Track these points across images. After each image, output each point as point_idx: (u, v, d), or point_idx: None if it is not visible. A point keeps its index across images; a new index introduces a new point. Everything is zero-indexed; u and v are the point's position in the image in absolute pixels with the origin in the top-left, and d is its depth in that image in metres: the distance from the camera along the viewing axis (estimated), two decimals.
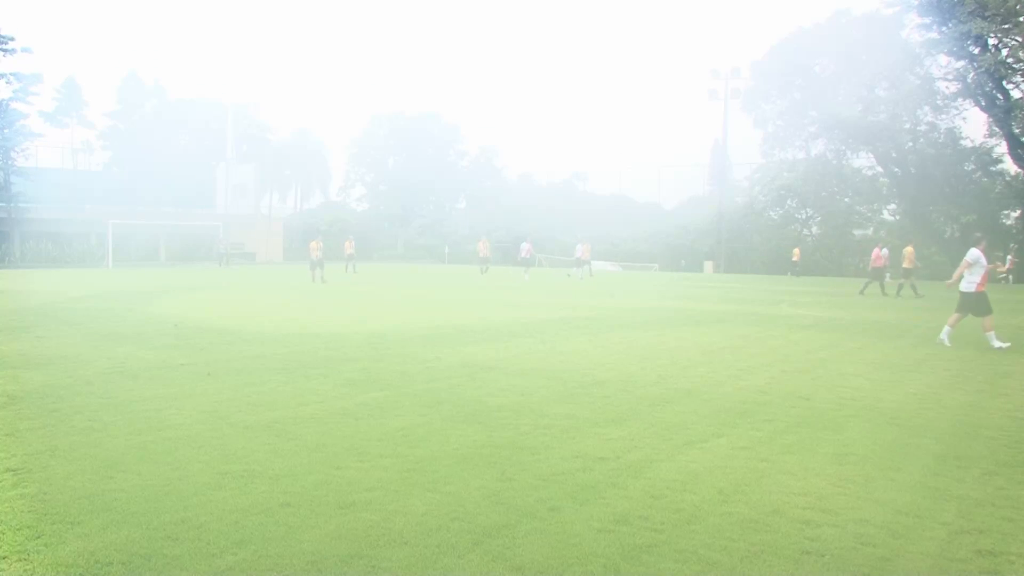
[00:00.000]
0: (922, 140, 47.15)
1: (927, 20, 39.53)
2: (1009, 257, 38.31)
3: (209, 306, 17.90)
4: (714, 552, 4.01)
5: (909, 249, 26.08)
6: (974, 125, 53.27)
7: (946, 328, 12.86)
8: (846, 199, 50.34)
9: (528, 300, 21.05)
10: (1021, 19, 36.66)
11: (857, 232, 50.56)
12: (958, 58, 39.80)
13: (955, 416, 7.28)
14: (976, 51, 37.88)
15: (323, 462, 5.44)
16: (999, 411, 7.54)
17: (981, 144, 45.33)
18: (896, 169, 48.61)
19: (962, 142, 46.23)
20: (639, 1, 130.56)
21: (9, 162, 44.71)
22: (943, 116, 46.51)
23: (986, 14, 35.89)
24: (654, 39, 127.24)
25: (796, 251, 43.04)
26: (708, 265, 49.60)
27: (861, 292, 26.29)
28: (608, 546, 4.06)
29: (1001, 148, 43.51)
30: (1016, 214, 45.75)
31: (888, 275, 27.74)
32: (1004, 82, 38.86)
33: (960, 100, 44.04)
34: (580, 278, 34.09)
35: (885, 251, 27.13)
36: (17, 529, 4.13)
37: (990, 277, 25.41)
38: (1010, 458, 5.85)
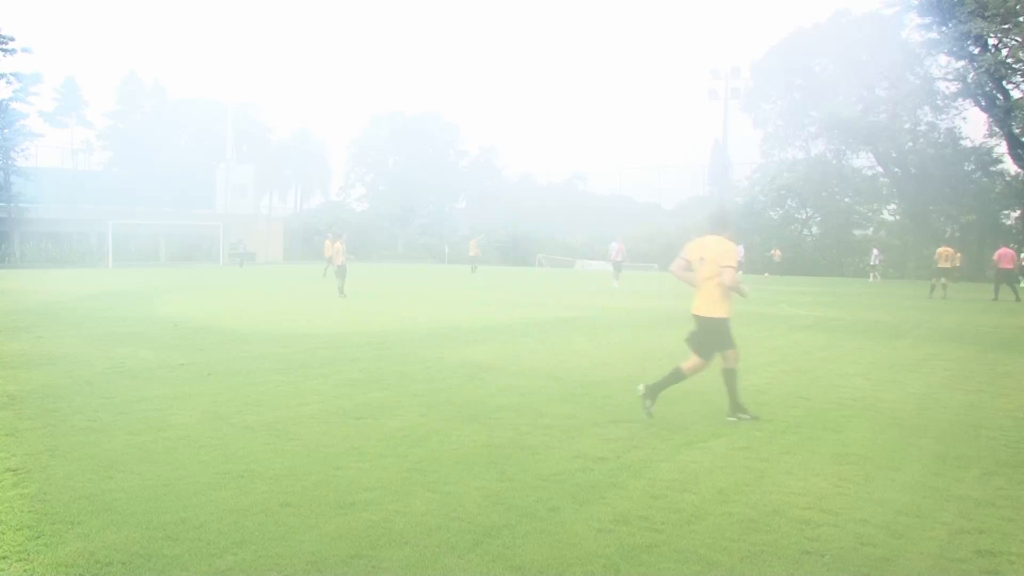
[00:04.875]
0: (922, 140, 47.13)
1: (927, 20, 39.52)
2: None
3: (209, 306, 17.89)
4: (714, 552, 4.01)
5: None
6: (974, 125, 53.27)
7: None
8: (846, 199, 50.31)
9: (529, 300, 21.05)
10: (1021, 19, 36.65)
11: (857, 232, 50.55)
12: (958, 58, 39.78)
13: (955, 416, 7.28)
14: (976, 51, 37.86)
15: (323, 462, 5.44)
16: (999, 411, 7.54)
17: (981, 144, 45.31)
18: (896, 169, 48.59)
19: (962, 142, 46.21)
20: (639, 1, 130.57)
21: (9, 162, 44.69)
22: (943, 116, 46.51)
23: (986, 14, 35.88)
24: (654, 39, 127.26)
25: (776, 252, 41.31)
26: None
27: (1017, 299, 23.85)
28: (608, 546, 4.05)
29: (1001, 148, 43.49)
30: (1016, 214, 45.72)
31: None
32: (1004, 82, 38.84)
33: (960, 100, 44.02)
34: (613, 284, 28.00)
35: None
36: (17, 529, 4.13)
37: (993, 275, 24.95)
38: (1010, 458, 5.85)
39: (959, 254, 31.11)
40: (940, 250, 26.68)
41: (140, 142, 59.73)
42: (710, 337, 6.88)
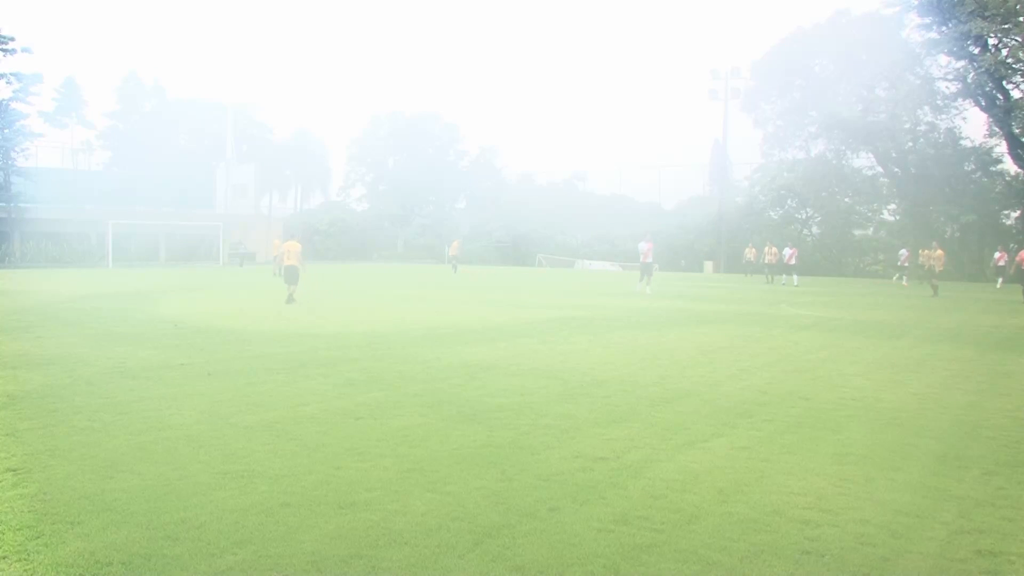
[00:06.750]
0: (922, 140, 47.11)
1: (927, 20, 39.52)
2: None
3: (209, 306, 17.89)
4: (714, 552, 4.01)
5: None
6: (974, 125, 53.20)
7: None
8: (846, 199, 50.31)
9: (529, 300, 21.05)
10: (1021, 19, 36.65)
11: (857, 232, 50.54)
12: (958, 58, 39.78)
13: (955, 416, 7.28)
14: (976, 51, 37.86)
15: (323, 462, 5.44)
16: (999, 411, 7.54)
17: (981, 144, 45.28)
18: (896, 169, 48.58)
19: (962, 142, 46.18)
20: (639, 1, 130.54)
21: (9, 162, 44.66)
22: (943, 116, 46.48)
23: (986, 14, 35.88)
24: (654, 39, 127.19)
25: (762, 250, 37.24)
26: (708, 265, 49.58)
27: None
28: (608, 546, 4.06)
29: (1001, 148, 43.47)
30: (1016, 214, 45.70)
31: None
32: (1004, 82, 38.84)
33: (960, 100, 44.01)
34: (646, 290, 24.91)
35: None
36: (17, 529, 4.13)
37: (996, 273, 24.86)
38: (1010, 458, 5.85)
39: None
40: (928, 252, 26.94)
41: (140, 142, 59.68)
42: None
